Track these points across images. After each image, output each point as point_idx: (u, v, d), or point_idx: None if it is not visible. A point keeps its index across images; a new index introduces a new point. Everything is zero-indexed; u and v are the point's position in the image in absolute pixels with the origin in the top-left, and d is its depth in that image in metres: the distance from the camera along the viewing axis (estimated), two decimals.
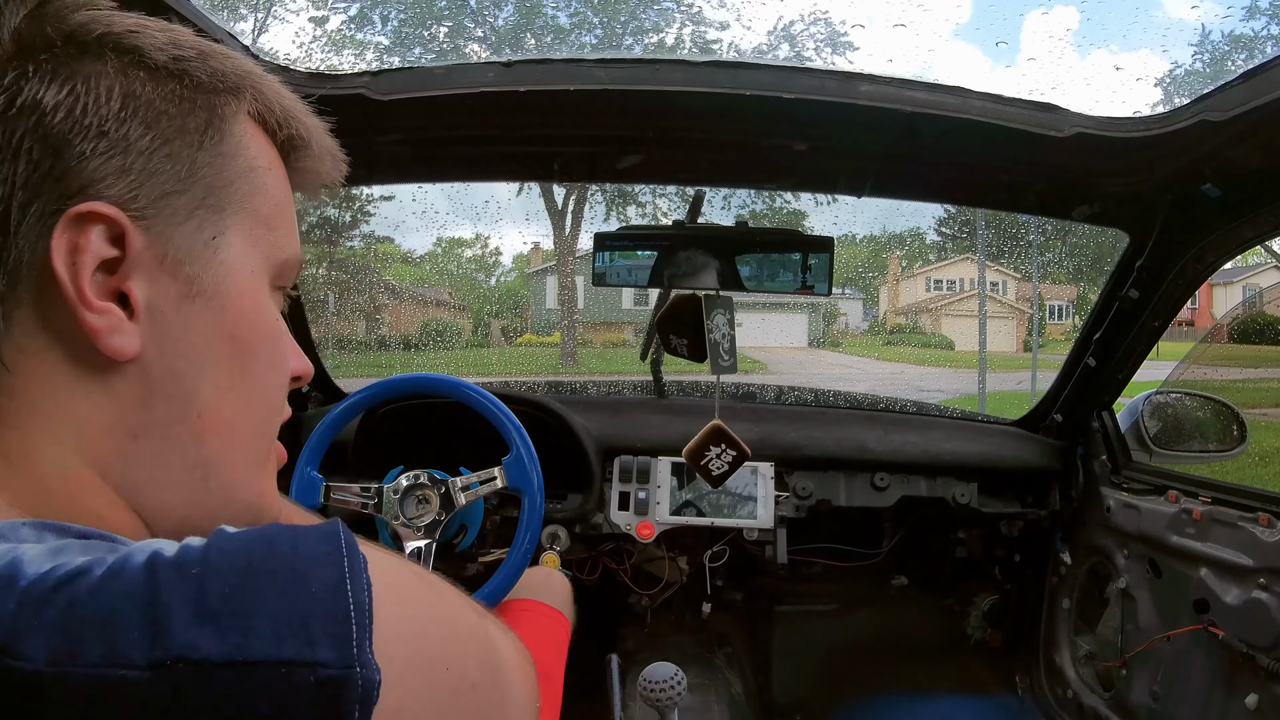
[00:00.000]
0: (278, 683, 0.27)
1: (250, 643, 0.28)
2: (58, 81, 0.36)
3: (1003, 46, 36.69)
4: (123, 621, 0.27)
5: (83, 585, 0.28)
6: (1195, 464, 1.60)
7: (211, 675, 0.27)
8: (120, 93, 0.38)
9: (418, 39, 11.44)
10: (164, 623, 0.27)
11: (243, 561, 0.30)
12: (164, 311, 0.39)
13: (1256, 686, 1.16)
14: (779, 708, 1.88)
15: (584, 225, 14.19)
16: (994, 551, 1.86)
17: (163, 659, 0.27)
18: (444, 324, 18.03)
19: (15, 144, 0.35)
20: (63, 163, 0.36)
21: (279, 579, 0.30)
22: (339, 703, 0.28)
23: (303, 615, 0.29)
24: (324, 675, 0.28)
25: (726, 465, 1.10)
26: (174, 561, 0.30)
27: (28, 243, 0.36)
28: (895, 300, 25.71)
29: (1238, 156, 1.03)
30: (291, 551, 0.31)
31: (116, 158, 0.37)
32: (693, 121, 1.09)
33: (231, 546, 0.31)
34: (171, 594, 0.28)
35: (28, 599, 0.28)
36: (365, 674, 0.29)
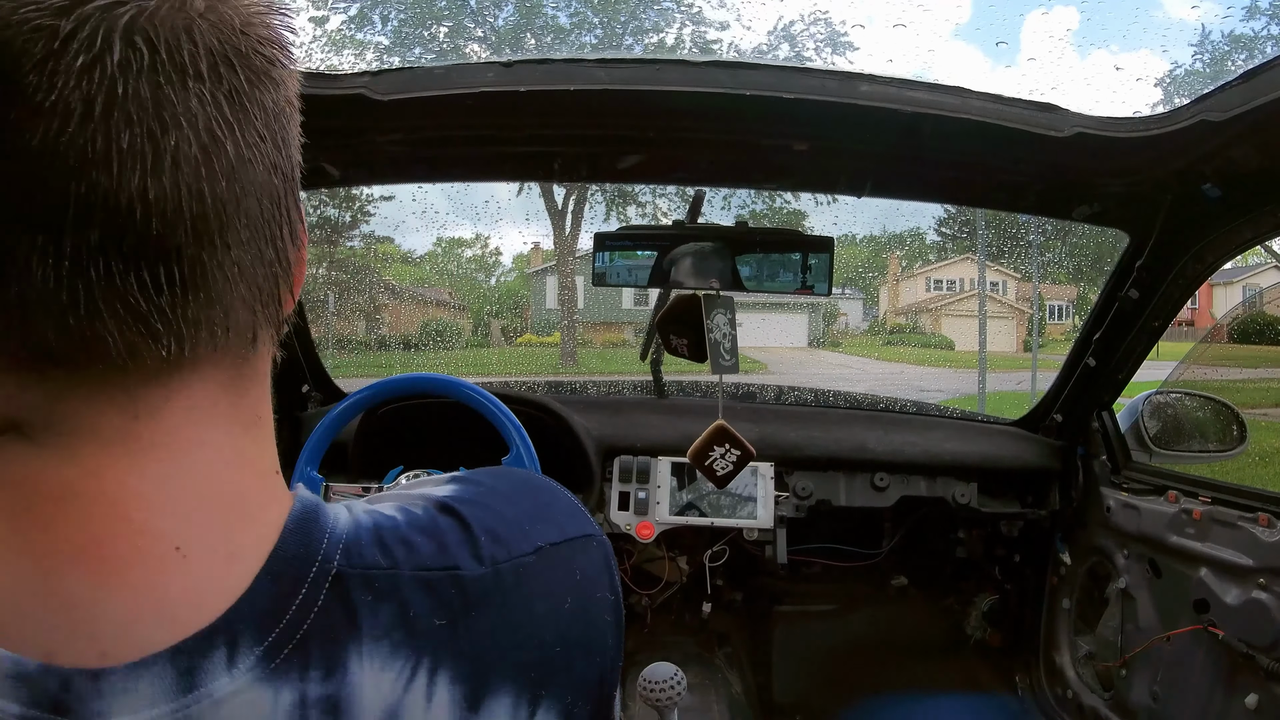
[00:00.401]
0: (584, 545, 0.44)
1: (566, 529, 0.44)
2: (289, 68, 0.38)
3: (1003, 47, 36.65)
4: (503, 532, 0.40)
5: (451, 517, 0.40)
6: (1195, 464, 1.60)
7: (561, 548, 0.42)
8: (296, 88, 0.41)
9: (418, 39, 11.45)
10: (524, 527, 0.41)
11: (519, 489, 0.46)
12: None
13: (1256, 686, 1.16)
14: (779, 708, 1.88)
15: (584, 225, 14.20)
16: (994, 551, 1.86)
17: (539, 545, 0.41)
18: (444, 324, 18.03)
19: (293, 138, 0.37)
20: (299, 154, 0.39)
21: (549, 495, 0.46)
22: (607, 552, 0.45)
23: (574, 513, 0.45)
24: (598, 539, 0.45)
25: (731, 465, 1.10)
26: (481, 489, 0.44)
27: (299, 237, 0.39)
28: (895, 300, 25.71)
29: (1238, 156, 1.03)
30: (535, 484, 0.48)
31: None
32: (693, 121, 1.09)
33: (500, 483, 0.46)
34: (507, 510, 0.43)
35: (434, 535, 0.39)
36: (601, 535, 0.46)
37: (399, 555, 0.37)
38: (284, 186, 0.36)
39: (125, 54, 0.28)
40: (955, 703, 1.84)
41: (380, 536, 0.37)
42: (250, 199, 0.33)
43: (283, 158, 0.36)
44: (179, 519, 0.33)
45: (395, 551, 0.37)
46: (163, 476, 0.33)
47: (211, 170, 0.31)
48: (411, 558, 0.37)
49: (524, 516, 0.42)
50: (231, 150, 0.32)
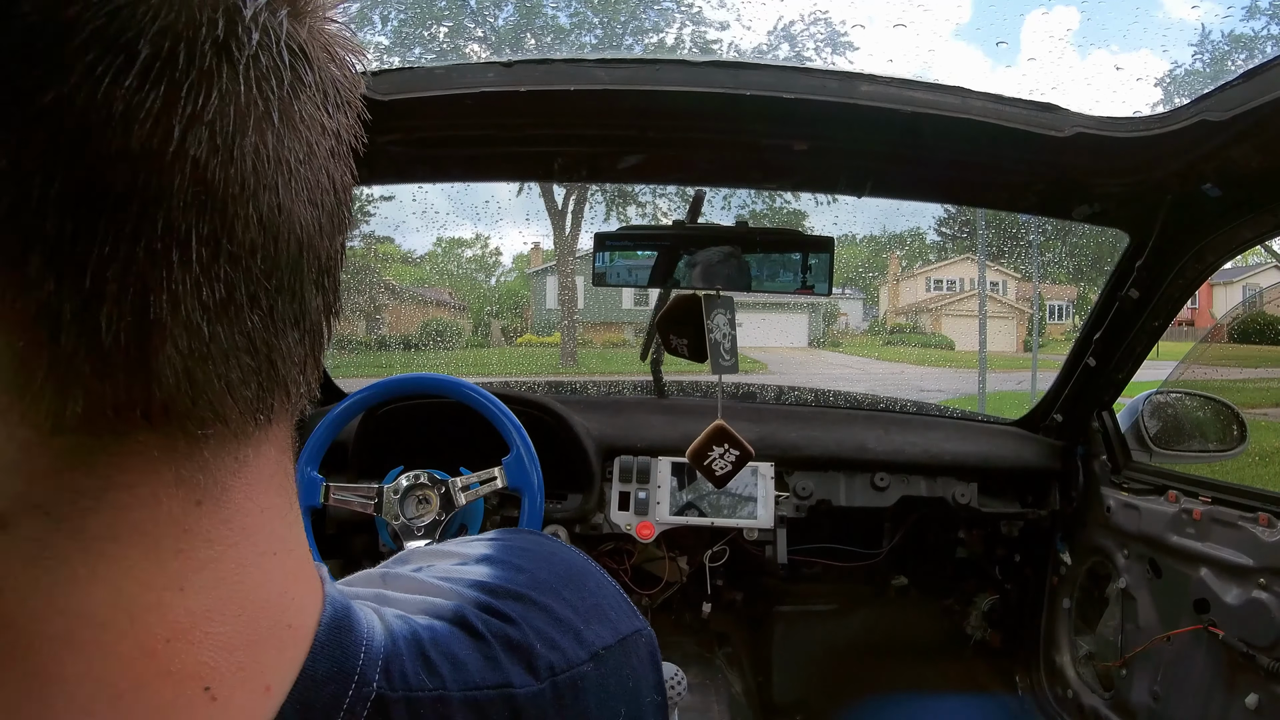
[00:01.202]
0: (634, 643, 0.40)
1: (617, 625, 0.40)
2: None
3: (1003, 47, 36.65)
4: (557, 638, 0.37)
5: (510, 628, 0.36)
6: (1195, 464, 1.60)
7: (614, 651, 0.39)
8: None
9: (418, 39, 11.44)
10: (578, 630, 0.38)
11: (562, 574, 0.41)
12: None
13: (1256, 686, 1.16)
14: (779, 708, 1.88)
15: (584, 225, 14.19)
16: (994, 551, 1.86)
17: (595, 651, 0.38)
18: (444, 324, 18.03)
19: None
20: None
21: (593, 582, 0.42)
22: (654, 647, 0.42)
23: (619, 604, 0.42)
24: (647, 633, 0.42)
25: (730, 465, 1.10)
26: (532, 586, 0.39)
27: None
28: (895, 300, 25.71)
29: (1238, 156, 1.03)
30: (576, 566, 0.43)
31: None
32: (693, 121, 1.09)
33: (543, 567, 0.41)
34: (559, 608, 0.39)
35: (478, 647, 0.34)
36: (649, 631, 0.42)
37: (445, 673, 0.32)
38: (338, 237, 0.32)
39: (268, 61, 0.26)
40: (955, 703, 1.84)
41: (422, 650, 0.32)
42: (328, 239, 0.30)
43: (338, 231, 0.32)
44: (215, 649, 0.25)
45: (440, 668, 0.32)
46: (208, 588, 0.26)
47: (322, 201, 0.29)
48: (459, 675, 0.32)
49: (577, 615, 0.38)
50: (328, 183, 0.29)
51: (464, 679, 0.32)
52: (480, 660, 0.33)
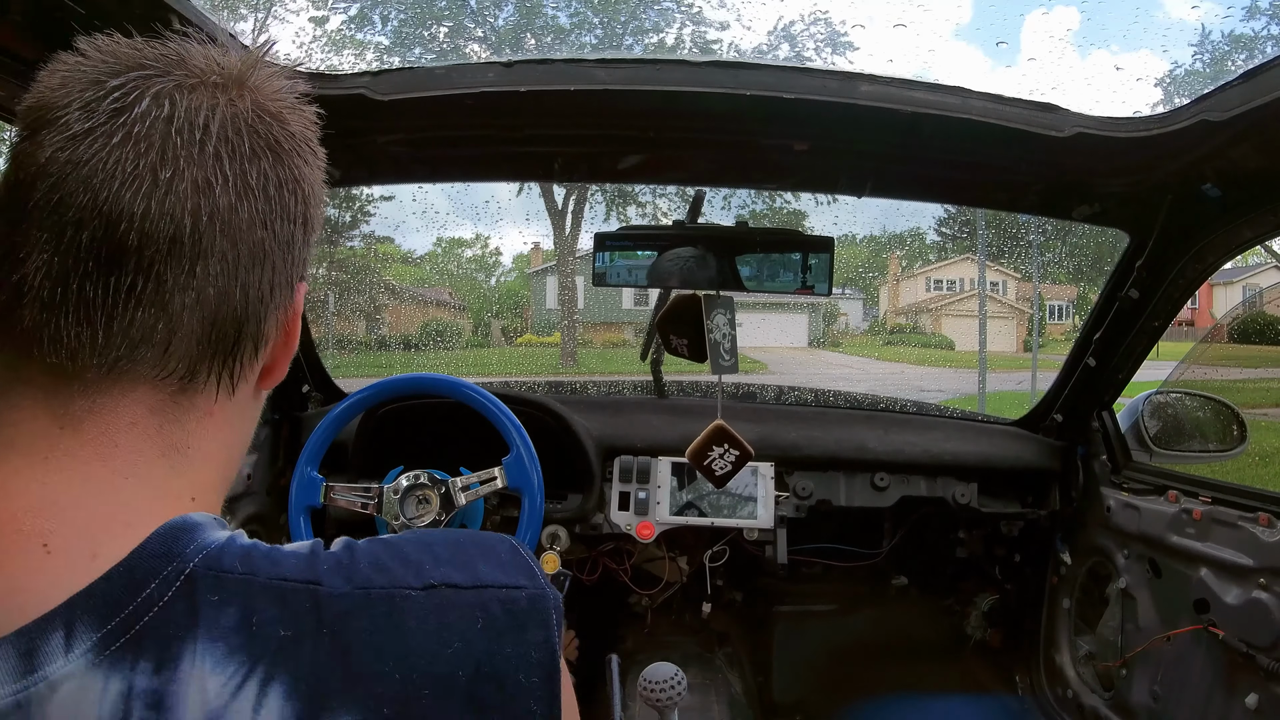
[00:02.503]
0: (504, 596, 0.40)
1: (480, 573, 0.41)
2: (316, 175, 0.46)
3: (1003, 47, 36.70)
4: (390, 565, 0.39)
5: (339, 551, 0.40)
6: (1195, 464, 1.60)
7: (462, 593, 0.40)
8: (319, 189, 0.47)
9: (418, 39, 11.45)
10: (420, 565, 0.40)
11: (450, 540, 0.43)
12: None
13: (1256, 686, 1.16)
14: (779, 708, 1.88)
15: (584, 225, 14.20)
16: (994, 551, 1.86)
17: (430, 582, 0.39)
18: (444, 324, 18.03)
19: (303, 219, 0.44)
20: (309, 243, 0.45)
21: (481, 548, 0.43)
22: (543, 608, 0.41)
23: (503, 564, 0.42)
24: (529, 593, 0.41)
25: (730, 465, 1.10)
26: (399, 541, 0.42)
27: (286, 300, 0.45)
28: (895, 300, 25.71)
29: (1238, 156, 1.03)
30: (477, 536, 0.44)
31: (313, 238, 0.47)
32: (693, 121, 1.09)
33: (430, 535, 0.43)
34: (418, 552, 0.41)
35: (308, 558, 0.39)
36: (552, 595, 0.42)
37: (259, 566, 0.37)
38: (275, 248, 0.42)
39: (149, 108, 0.38)
40: (955, 703, 1.84)
41: (250, 552, 0.38)
42: (227, 242, 0.40)
43: (280, 224, 0.42)
44: (58, 522, 0.36)
45: (257, 563, 0.37)
46: (62, 486, 0.37)
47: (197, 206, 0.38)
48: (272, 569, 0.37)
49: (429, 558, 0.41)
50: (221, 197, 0.39)
51: (275, 572, 0.37)
52: (299, 564, 0.38)
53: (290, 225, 0.43)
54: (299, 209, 0.44)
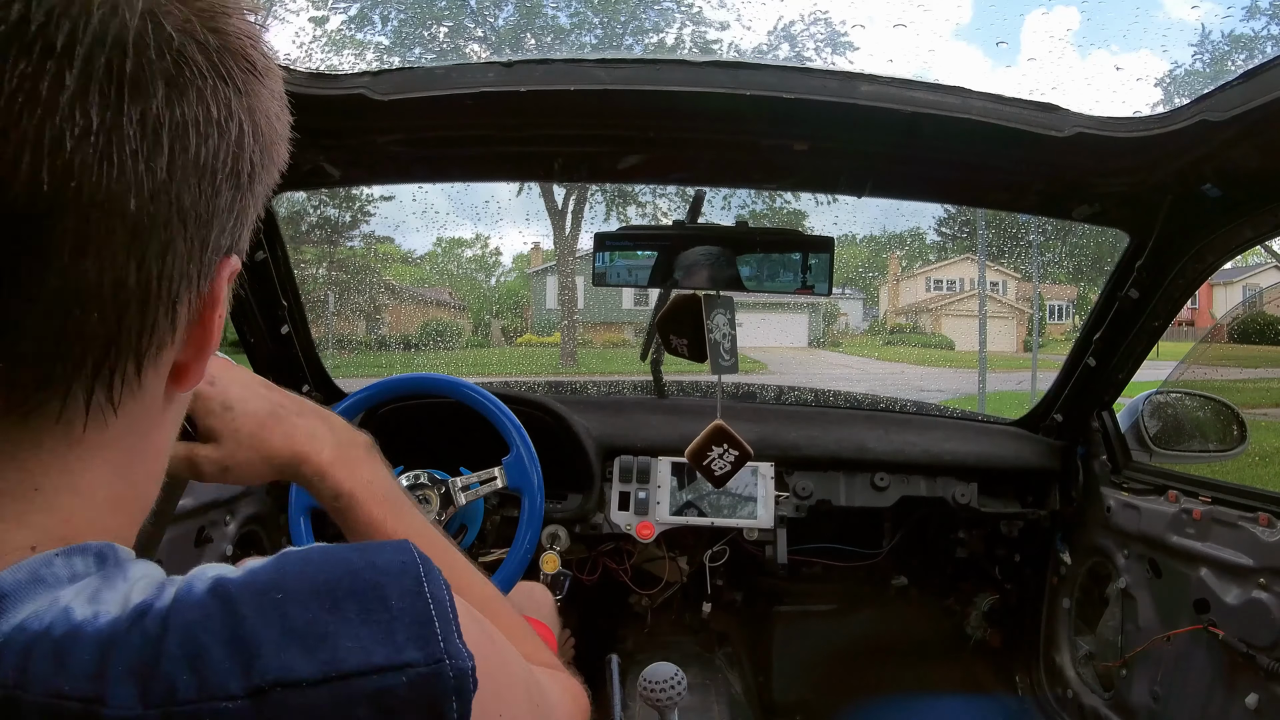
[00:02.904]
0: (373, 689, 0.29)
1: (340, 657, 0.29)
2: (248, 115, 0.34)
3: (1003, 47, 36.70)
4: (210, 654, 0.28)
5: (154, 623, 0.29)
6: (1195, 464, 1.60)
7: (309, 693, 0.28)
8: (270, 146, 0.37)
9: (418, 39, 11.45)
10: (254, 651, 0.28)
11: (321, 583, 0.31)
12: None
13: (1256, 686, 1.16)
14: (779, 708, 1.88)
15: (584, 225, 14.20)
16: (994, 551, 1.86)
17: (260, 686, 0.28)
18: (444, 324, 18.03)
19: (216, 174, 0.33)
20: (234, 207, 0.35)
21: (358, 596, 0.31)
22: (435, 696, 0.30)
23: (385, 625, 0.30)
24: (415, 675, 0.30)
25: (729, 465, 1.10)
26: (249, 587, 0.31)
27: (194, 288, 0.34)
28: (895, 300, 25.71)
29: (1238, 156, 1.03)
30: (368, 567, 0.32)
31: (251, 213, 0.37)
32: (693, 121, 1.09)
33: (307, 569, 0.32)
34: (256, 622, 0.29)
35: (104, 647, 0.28)
36: (455, 664, 0.31)
37: (37, 673, 0.28)
38: (166, 218, 0.31)
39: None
40: (955, 703, 1.84)
41: (36, 644, 0.28)
42: (80, 217, 0.29)
43: (180, 184, 0.31)
44: None
45: (36, 667, 0.28)
46: None
47: (36, 169, 0.27)
48: (51, 678, 0.28)
49: (274, 630, 0.29)
50: (75, 154, 0.28)
51: (51, 685, 0.27)
52: (87, 663, 0.28)
53: (201, 184, 0.32)
54: (219, 159, 0.32)
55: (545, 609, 1.24)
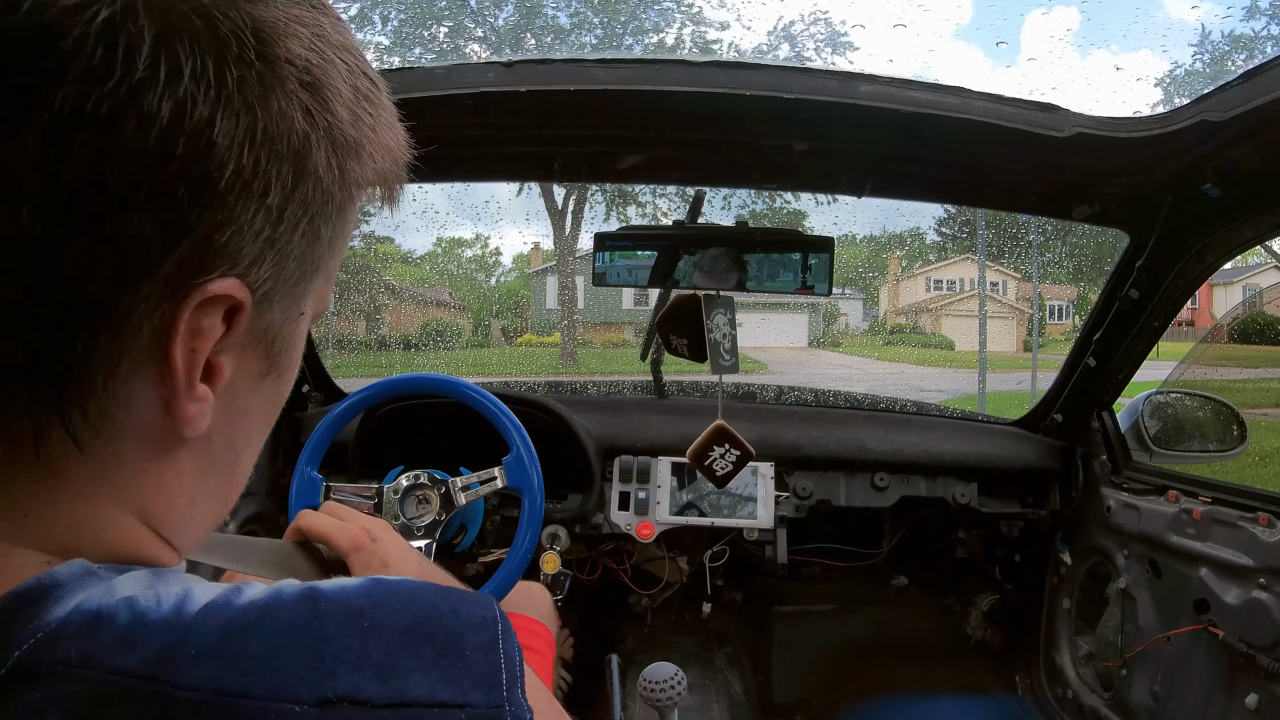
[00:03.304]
0: (433, 718, 0.30)
1: (408, 689, 0.30)
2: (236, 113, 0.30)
3: (1003, 47, 36.70)
4: (289, 659, 0.29)
5: (237, 615, 0.30)
6: (1195, 464, 1.60)
7: (373, 713, 0.29)
8: (296, 153, 0.32)
9: (418, 39, 11.45)
10: (331, 666, 0.29)
11: (406, 621, 0.32)
12: (240, 390, 0.37)
13: (1256, 686, 1.16)
14: (779, 708, 1.88)
15: (584, 225, 14.20)
16: (994, 551, 1.86)
17: (329, 698, 0.28)
18: (444, 324, 18.04)
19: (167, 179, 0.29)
20: (210, 220, 0.30)
21: (439, 642, 0.32)
22: None
23: (456, 671, 0.31)
24: (473, 714, 0.31)
25: (730, 465, 1.10)
26: (340, 605, 0.32)
27: (141, 314, 0.30)
28: (895, 300, 25.71)
29: (1238, 156, 1.03)
30: (452, 615, 0.33)
31: (264, 230, 0.32)
32: (693, 121, 1.09)
33: (396, 604, 0.33)
34: (339, 641, 0.30)
35: (174, 632, 0.29)
36: (514, 711, 0.31)
37: (102, 652, 0.28)
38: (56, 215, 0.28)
39: None
40: (955, 703, 1.84)
41: (100, 626, 0.28)
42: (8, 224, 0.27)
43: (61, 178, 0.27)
44: None
45: (101, 648, 0.28)
46: None
47: None
48: (118, 657, 0.28)
49: (353, 650, 0.30)
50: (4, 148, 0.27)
51: (119, 662, 0.28)
52: (159, 648, 0.28)
53: (123, 197, 0.28)
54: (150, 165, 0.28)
55: (543, 608, 1.24)
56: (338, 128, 0.34)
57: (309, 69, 0.32)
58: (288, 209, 0.33)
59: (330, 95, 0.33)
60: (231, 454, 0.39)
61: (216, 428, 0.35)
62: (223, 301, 0.32)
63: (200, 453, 0.36)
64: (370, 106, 0.37)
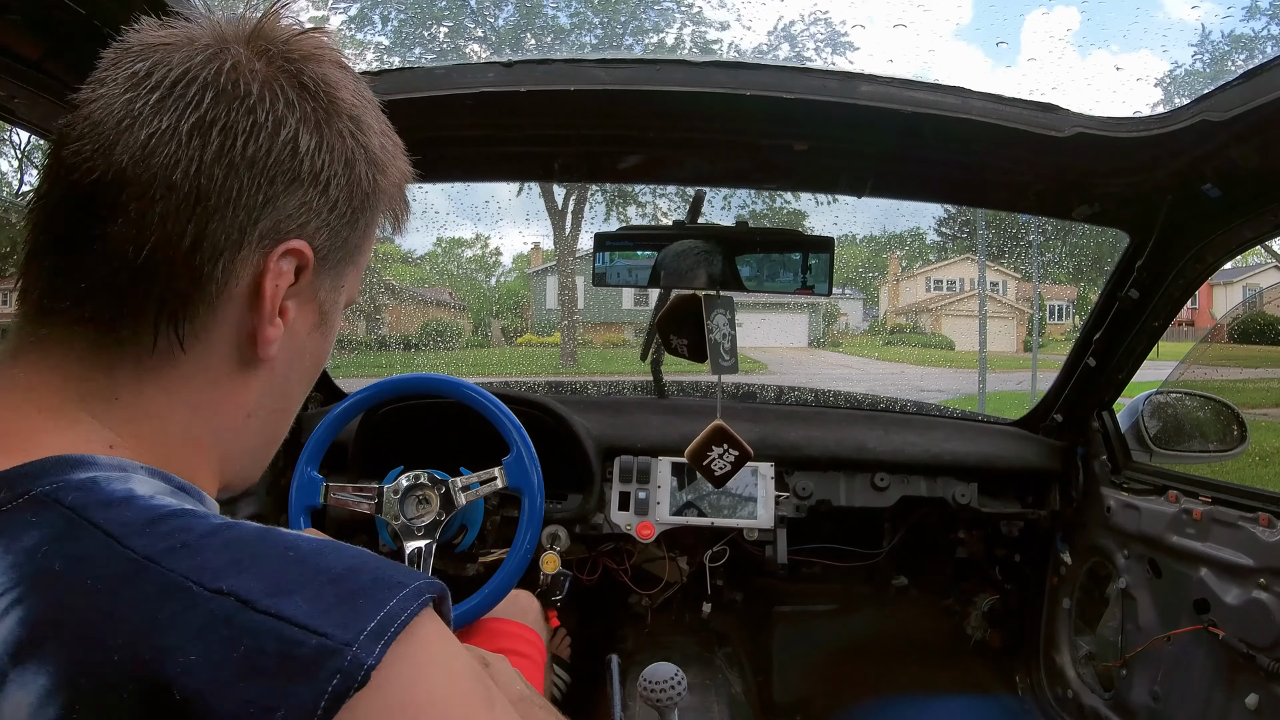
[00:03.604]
0: (288, 635, 0.34)
1: (286, 607, 0.34)
2: (311, 130, 0.45)
3: (1003, 47, 36.72)
4: (214, 556, 0.36)
5: (199, 521, 0.38)
6: (1195, 464, 1.60)
7: (249, 612, 0.34)
8: (346, 161, 0.47)
9: (418, 39, 11.44)
10: (241, 571, 0.35)
11: (331, 566, 0.37)
12: (299, 333, 0.49)
13: (1256, 686, 1.16)
14: (779, 708, 1.88)
15: (584, 225, 14.20)
16: (994, 551, 1.86)
17: (222, 589, 0.34)
18: (444, 324, 18.04)
19: (268, 166, 0.43)
20: (293, 199, 0.45)
21: (343, 585, 0.36)
22: (330, 669, 0.33)
23: (335, 610, 0.35)
24: (319, 642, 0.34)
25: (729, 465, 1.10)
26: (287, 541, 0.38)
27: (246, 256, 0.44)
28: (895, 300, 25.71)
29: (1238, 156, 1.03)
30: (373, 573, 0.38)
31: (324, 213, 0.46)
32: (693, 121, 1.09)
33: (336, 554, 0.38)
34: (265, 560, 0.36)
35: (150, 518, 0.37)
36: (358, 654, 0.34)
37: (93, 506, 0.37)
38: (218, 196, 0.42)
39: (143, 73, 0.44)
40: (955, 703, 1.84)
41: (95, 491, 0.38)
42: (162, 187, 0.42)
43: (226, 171, 0.42)
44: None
45: (94, 503, 0.37)
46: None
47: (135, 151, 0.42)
48: (102, 513, 0.37)
49: (270, 569, 0.36)
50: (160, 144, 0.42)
51: (99, 515, 0.36)
52: (134, 518, 0.37)
53: (242, 173, 0.42)
54: (260, 156, 0.43)
55: (531, 614, 1.26)
56: (372, 150, 0.49)
57: (353, 109, 0.47)
58: (339, 198, 0.47)
59: (366, 128, 0.48)
60: (286, 384, 0.51)
61: (281, 359, 0.48)
62: (295, 255, 0.45)
63: (265, 377, 0.48)
64: (390, 142, 0.51)
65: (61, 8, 0.69)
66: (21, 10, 0.70)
